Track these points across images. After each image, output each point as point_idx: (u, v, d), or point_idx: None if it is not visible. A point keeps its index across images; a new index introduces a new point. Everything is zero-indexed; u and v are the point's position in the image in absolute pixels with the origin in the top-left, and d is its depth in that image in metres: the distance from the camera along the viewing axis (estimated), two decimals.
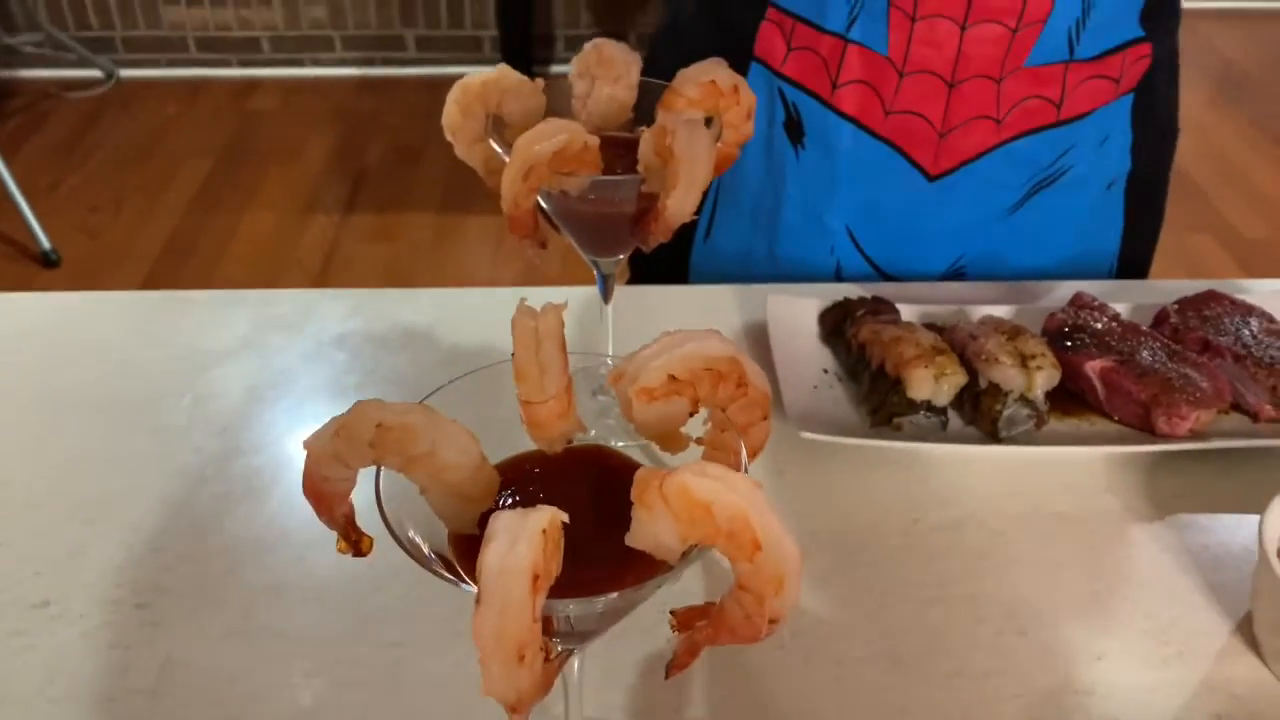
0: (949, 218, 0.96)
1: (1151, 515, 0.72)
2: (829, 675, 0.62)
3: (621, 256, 0.71)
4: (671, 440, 0.45)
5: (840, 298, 0.85)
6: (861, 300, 0.84)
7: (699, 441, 0.47)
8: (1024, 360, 0.74)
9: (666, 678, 0.45)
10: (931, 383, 0.73)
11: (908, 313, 0.84)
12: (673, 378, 0.44)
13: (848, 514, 0.72)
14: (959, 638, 0.64)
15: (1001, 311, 0.84)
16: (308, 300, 0.92)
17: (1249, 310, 0.81)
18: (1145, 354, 0.77)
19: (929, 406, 0.74)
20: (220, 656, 0.63)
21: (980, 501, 0.73)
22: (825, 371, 0.81)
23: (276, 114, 3.52)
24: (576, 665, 0.50)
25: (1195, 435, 0.74)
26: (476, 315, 0.90)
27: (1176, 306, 0.82)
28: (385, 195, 3.03)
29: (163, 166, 3.21)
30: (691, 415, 0.45)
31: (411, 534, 0.43)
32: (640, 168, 0.64)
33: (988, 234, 0.97)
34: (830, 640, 0.64)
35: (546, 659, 0.41)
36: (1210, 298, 0.82)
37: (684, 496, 0.39)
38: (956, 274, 0.99)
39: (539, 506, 0.37)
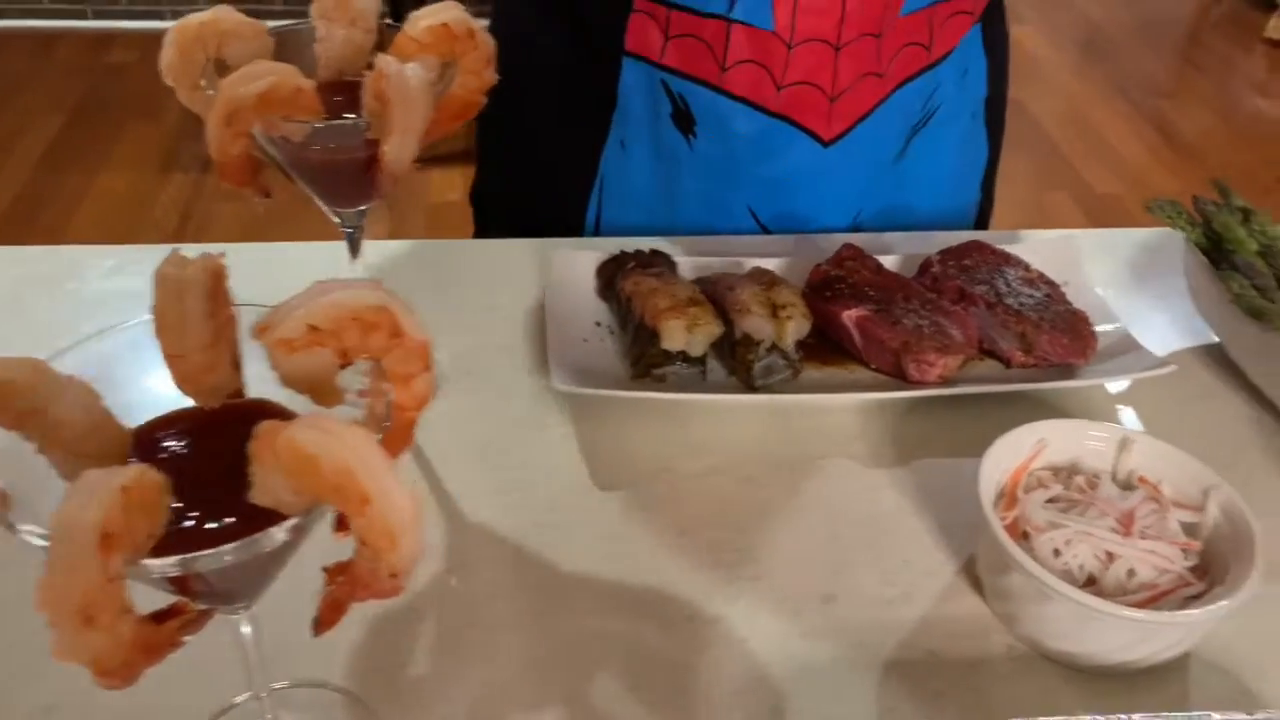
0: (845, 179, 0.95)
1: (897, 460, 0.74)
2: (558, 627, 0.62)
3: (364, 208, 0.69)
4: (324, 394, 0.44)
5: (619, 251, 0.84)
6: (637, 254, 0.83)
7: (363, 394, 0.46)
8: (775, 310, 0.74)
9: (315, 635, 0.44)
10: (684, 333, 0.73)
11: (688, 266, 0.84)
12: (314, 328, 0.42)
13: (603, 466, 0.72)
14: (695, 584, 0.65)
15: (773, 264, 0.84)
16: (70, 257, 0.88)
17: (1006, 259, 0.83)
18: (900, 303, 0.78)
19: (685, 357, 0.74)
20: None
21: (733, 450, 0.74)
22: (598, 325, 0.81)
23: (135, 68, 3.37)
24: (249, 630, 0.49)
25: (946, 381, 0.76)
26: (254, 270, 0.87)
27: (939, 256, 0.84)
28: None
29: (11, 122, 3.06)
30: (343, 367, 0.44)
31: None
32: (365, 114, 0.62)
33: (879, 187, 0.98)
34: (563, 591, 0.64)
35: (172, 616, 0.40)
36: (973, 248, 0.84)
37: (292, 450, 0.38)
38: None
39: (131, 464, 0.36)
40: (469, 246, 0.92)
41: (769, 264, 0.84)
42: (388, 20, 0.69)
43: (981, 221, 1.09)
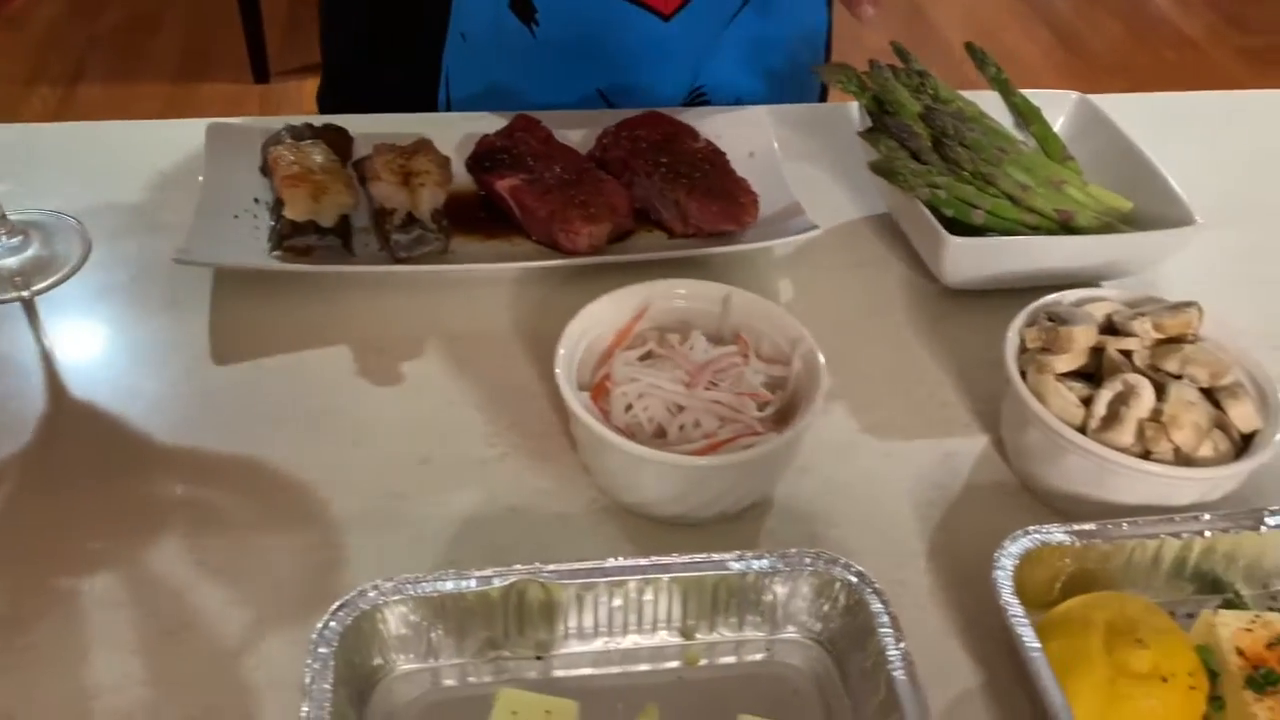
0: (686, 52, 0.95)
1: (538, 329, 0.73)
2: (129, 495, 0.61)
3: None
4: None
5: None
6: (306, 127, 0.81)
7: None
8: (408, 178, 0.72)
9: None
10: (309, 202, 0.71)
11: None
12: None
13: (229, 343, 0.71)
14: (289, 452, 0.64)
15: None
16: None
17: (679, 130, 0.81)
18: (557, 172, 0.77)
19: (318, 228, 0.73)
20: None
21: (373, 323, 0.73)
22: (256, 200, 0.79)
23: None
24: None
25: (598, 250, 0.75)
26: None
27: (614, 127, 0.82)
28: (116, 65, 2.83)
29: None
30: None
31: None
32: None
33: (718, 55, 0.97)
34: (145, 463, 0.63)
35: None
36: (649, 119, 0.82)
37: None
38: (697, 102, 0.98)
39: None
40: (142, 128, 0.89)
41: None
42: None
43: (824, 92, 1.08)
